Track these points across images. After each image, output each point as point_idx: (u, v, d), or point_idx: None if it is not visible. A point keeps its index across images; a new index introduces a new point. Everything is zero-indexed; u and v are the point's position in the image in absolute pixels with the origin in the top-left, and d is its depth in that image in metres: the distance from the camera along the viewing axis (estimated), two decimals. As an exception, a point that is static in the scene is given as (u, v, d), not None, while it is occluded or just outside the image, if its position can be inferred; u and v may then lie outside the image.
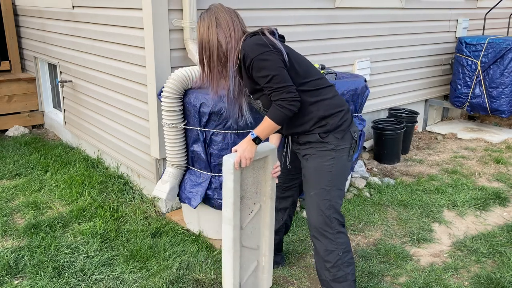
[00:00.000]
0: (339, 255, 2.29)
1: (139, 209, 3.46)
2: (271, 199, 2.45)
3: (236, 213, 2.25)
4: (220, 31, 2.10)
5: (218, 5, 2.18)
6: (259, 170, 2.37)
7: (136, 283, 2.66)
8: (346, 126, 2.25)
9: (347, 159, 2.28)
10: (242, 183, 2.28)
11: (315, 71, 2.26)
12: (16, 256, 2.88)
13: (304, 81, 2.17)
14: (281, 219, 2.69)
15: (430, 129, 5.77)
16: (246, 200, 2.34)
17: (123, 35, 3.45)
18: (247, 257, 2.45)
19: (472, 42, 5.17)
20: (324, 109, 2.21)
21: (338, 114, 2.23)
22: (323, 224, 2.27)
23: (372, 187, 3.97)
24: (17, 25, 5.59)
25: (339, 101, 2.27)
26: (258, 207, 2.42)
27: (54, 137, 5.22)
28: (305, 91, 2.18)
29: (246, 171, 2.28)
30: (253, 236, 2.46)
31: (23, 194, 3.73)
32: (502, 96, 5.06)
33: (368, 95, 3.63)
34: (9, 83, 5.28)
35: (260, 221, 2.47)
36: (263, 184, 2.41)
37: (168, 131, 2.95)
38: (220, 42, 2.11)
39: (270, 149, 2.36)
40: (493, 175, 4.30)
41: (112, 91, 3.82)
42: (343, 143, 2.24)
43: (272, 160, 2.38)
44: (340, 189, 2.29)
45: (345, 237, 2.31)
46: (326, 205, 2.25)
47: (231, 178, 2.18)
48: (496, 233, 3.29)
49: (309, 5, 3.96)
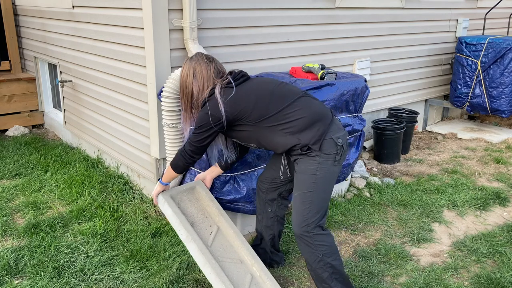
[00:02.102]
0: (319, 257, 2.34)
1: (139, 209, 3.46)
2: (223, 216, 2.69)
3: (189, 230, 2.50)
4: (195, 82, 2.41)
5: (199, 56, 2.47)
6: (194, 200, 2.74)
7: (136, 283, 2.66)
8: (320, 135, 2.29)
9: (333, 164, 2.32)
10: (185, 213, 2.63)
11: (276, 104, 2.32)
12: (16, 256, 2.88)
13: (260, 120, 2.32)
14: (270, 210, 2.72)
15: (430, 129, 5.77)
16: (199, 224, 2.63)
17: (123, 35, 3.45)
18: (236, 272, 2.51)
19: (472, 42, 5.17)
20: (293, 129, 2.30)
21: (308, 129, 2.29)
22: (301, 226, 2.33)
23: (372, 187, 3.97)
24: (17, 25, 5.59)
25: (307, 114, 2.31)
26: (216, 228, 2.65)
27: (54, 137, 5.22)
28: (265, 127, 2.34)
29: (183, 203, 2.68)
30: (229, 251, 2.58)
31: (23, 194, 3.73)
32: (502, 96, 5.06)
33: (368, 95, 3.63)
34: (9, 83, 5.28)
35: (227, 238, 2.64)
36: (208, 209, 2.72)
37: (168, 131, 2.95)
38: (193, 92, 2.43)
39: (195, 182, 2.82)
40: (493, 175, 4.30)
41: (112, 91, 3.82)
42: (326, 149, 2.29)
43: (202, 188, 2.78)
44: (324, 192, 2.34)
45: (326, 239, 2.34)
46: (306, 207, 2.32)
47: (165, 208, 2.61)
48: (496, 233, 3.29)
49: (309, 5, 3.96)
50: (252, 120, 2.33)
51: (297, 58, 4.01)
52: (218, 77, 2.43)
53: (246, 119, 2.33)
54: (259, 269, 2.54)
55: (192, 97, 2.44)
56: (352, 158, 3.53)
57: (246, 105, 2.32)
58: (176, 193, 2.74)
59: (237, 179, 2.97)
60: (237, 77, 2.41)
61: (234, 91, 2.34)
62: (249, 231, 3.21)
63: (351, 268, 2.87)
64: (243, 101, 2.33)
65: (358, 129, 3.51)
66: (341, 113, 3.40)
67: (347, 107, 3.42)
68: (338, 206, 3.60)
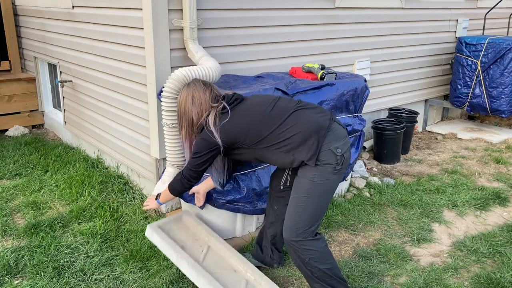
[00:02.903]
0: (305, 261, 2.33)
1: (139, 209, 3.46)
2: (212, 235, 2.82)
3: (178, 250, 2.62)
4: (194, 108, 2.43)
5: (196, 82, 2.48)
6: (183, 228, 2.89)
7: (136, 283, 2.66)
8: (314, 150, 2.27)
9: (332, 172, 2.29)
10: (175, 239, 2.75)
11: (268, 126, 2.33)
12: (16, 256, 2.88)
13: (255, 143, 2.36)
14: (276, 207, 2.72)
15: (430, 129, 5.77)
16: (190, 247, 2.75)
17: (123, 35, 3.45)
18: (230, 280, 2.57)
19: (472, 42, 5.17)
20: (288, 147, 2.31)
21: (302, 145, 2.28)
22: (290, 231, 2.33)
23: (372, 187, 3.97)
24: (17, 25, 5.59)
25: (300, 130, 2.30)
26: (207, 247, 2.77)
27: (54, 137, 5.22)
28: (261, 149, 2.36)
29: (172, 232, 2.81)
30: (221, 264, 2.68)
31: (23, 194, 3.73)
32: (502, 96, 5.06)
33: (368, 95, 3.63)
34: (9, 83, 5.28)
35: (218, 252, 2.74)
36: (197, 233, 2.86)
37: (168, 131, 2.95)
38: (193, 118, 2.45)
39: (182, 212, 2.98)
40: (493, 175, 4.30)
41: (112, 91, 3.82)
42: (324, 161, 2.27)
43: (189, 216, 2.93)
44: (319, 199, 2.31)
45: (315, 245, 2.32)
46: (298, 212, 2.31)
47: (154, 238, 2.76)
48: (496, 233, 3.29)
49: (309, 5, 3.96)
50: (247, 144, 2.36)
51: (297, 58, 4.01)
52: (215, 101, 2.44)
53: (241, 143, 2.37)
54: (253, 274, 2.59)
55: (193, 123, 2.46)
56: (352, 158, 3.53)
57: (240, 130, 2.35)
58: (164, 223, 2.87)
59: (237, 179, 2.97)
60: (230, 101, 2.44)
61: (228, 117, 2.37)
62: (249, 231, 3.21)
63: (351, 268, 2.87)
64: (237, 127, 2.36)
65: (358, 129, 3.51)
66: (341, 113, 3.40)
67: (347, 107, 3.42)
68: (338, 206, 3.60)
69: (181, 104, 2.48)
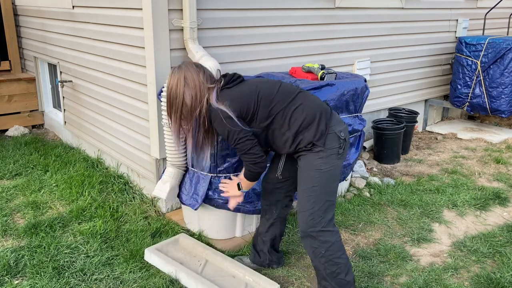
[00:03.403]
0: (322, 253, 2.32)
1: (139, 209, 3.46)
2: (209, 249, 2.88)
3: (176, 265, 2.70)
4: (187, 90, 2.27)
5: (188, 64, 2.35)
6: (180, 248, 2.94)
7: (136, 283, 2.66)
8: (324, 131, 2.28)
9: (337, 157, 2.31)
10: (174, 258, 2.80)
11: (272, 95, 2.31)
12: (16, 256, 2.88)
13: (270, 114, 2.30)
14: (274, 211, 2.70)
15: (430, 129, 5.77)
16: (188, 263, 2.80)
17: (123, 35, 3.45)
18: (230, 285, 2.60)
19: (472, 42, 5.17)
20: (296, 127, 2.29)
21: (312, 125, 2.28)
22: (307, 221, 2.31)
23: (372, 187, 3.97)
24: (17, 25, 5.59)
25: (310, 110, 2.30)
26: (204, 260, 2.83)
27: (54, 137, 5.22)
28: (274, 120, 2.31)
29: (170, 253, 2.85)
30: (219, 272, 2.72)
31: (23, 194, 3.73)
32: (502, 96, 5.06)
33: (368, 95, 3.63)
34: (9, 83, 5.28)
35: (216, 264, 2.79)
36: (194, 251, 2.91)
37: (168, 131, 2.95)
38: (186, 101, 2.28)
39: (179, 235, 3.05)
40: (493, 175, 4.30)
41: (112, 91, 3.82)
42: (329, 144, 2.28)
43: (185, 238, 3.01)
44: (329, 186, 2.31)
45: (331, 236, 2.31)
46: (311, 203, 2.29)
47: (153, 259, 2.82)
48: (496, 233, 3.29)
49: (309, 5, 3.96)
50: (259, 119, 2.29)
51: (297, 58, 4.01)
52: (210, 82, 2.32)
53: (252, 118, 2.29)
54: (252, 276, 2.62)
55: (183, 106, 2.29)
56: (352, 158, 3.53)
57: (253, 98, 2.27)
58: (161, 246, 2.91)
59: (237, 179, 2.97)
60: (233, 78, 2.37)
61: (235, 89, 2.30)
62: (249, 231, 3.21)
63: (351, 268, 2.87)
64: (246, 98, 2.29)
65: (358, 129, 3.51)
66: (341, 113, 3.40)
67: (347, 107, 3.42)
68: (338, 206, 3.60)
69: (172, 87, 2.30)
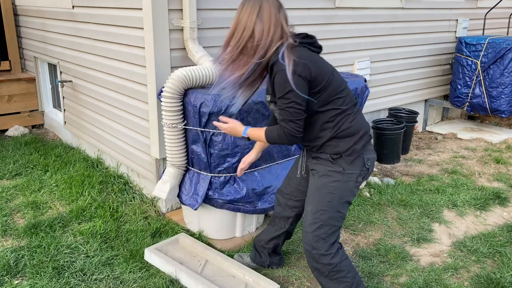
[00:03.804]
0: (325, 274, 2.24)
1: (139, 209, 3.46)
2: (209, 250, 2.87)
3: (176, 265, 2.71)
4: (259, 22, 1.96)
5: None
6: (180, 248, 2.94)
7: (136, 283, 2.66)
8: (358, 150, 2.14)
9: (354, 185, 2.17)
10: (173, 258, 2.82)
11: (342, 87, 2.12)
12: (16, 256, 2.88)
13: (331, 100, 2.08)
14: (283, 226, 2.62)
15: (430, 129, 5.77)
16: (188, 262, 2.81)
17: (123, 35, 3.45)
18: (229, 285, 2.61)
19: (472, 42, 5.17)
20: (339, 131, 2.12)
21: (352, 138, 2.14)
22: (311, 243, 2.21)
23: (372, 187, 3.97)
24: (17, 25, 5.59)
25: (357, 125, 2.15)
26: (204, 260, 2.84)
27: (54, 137, 5.22)
28: (328, 110, 2.10)
29: (170, 253, 2.86)
30: (219, 272, 2.73)
31: (23, 194, 3.73)
32: (502, 96, 5.06)
33: (368, 95, 3.63)
34: (9, 83, 5.28)
35: (216, 264, 2.80)
36: (194, 250, 2.91)
37: (168, 131, 2.95)
38: (254, 33, 1.97)
39: (178, 235, 3.03)
40: (493, 175, 4.30)
41: (112, 91, 3.82)
42: (352, 168, 2.15)
43: (185, 237, 2.99)
44: (339, 211, 2.19)
45: (335, 258, 2.21)
46: (318, 225, 2.18)
47: (153, 259, 2.82)
48: (496, 233, 3.29)
49: (309, 5, 3.96)
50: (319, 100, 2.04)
51: (297, 58, 4.01)
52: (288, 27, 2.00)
53: (314, 94, 2.03)
54: (251, 276, 2.62)
55: (251, 38, 1.97)
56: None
57: (324, 77, 2.01)
58: (161, 246, 2.92)
59: (237, 180, 2.97)
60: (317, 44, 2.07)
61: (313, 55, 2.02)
62: (249, 231, 3.21)
63: (351, 268, 2.87)
64: (323, 70, 2.02)
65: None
66: (341, 113, 3.40)
67: (347, 107, 3.42)
68: (338, 206, 3.60)
69: (242, 16, 1.98)
